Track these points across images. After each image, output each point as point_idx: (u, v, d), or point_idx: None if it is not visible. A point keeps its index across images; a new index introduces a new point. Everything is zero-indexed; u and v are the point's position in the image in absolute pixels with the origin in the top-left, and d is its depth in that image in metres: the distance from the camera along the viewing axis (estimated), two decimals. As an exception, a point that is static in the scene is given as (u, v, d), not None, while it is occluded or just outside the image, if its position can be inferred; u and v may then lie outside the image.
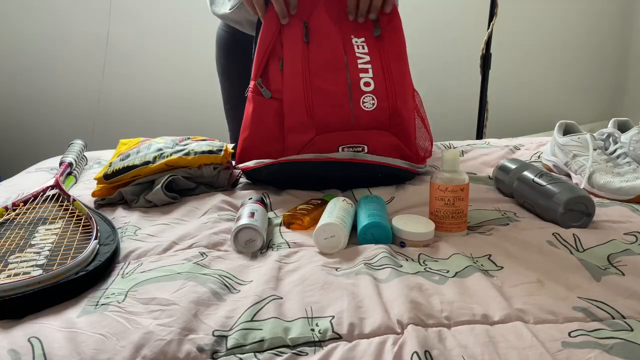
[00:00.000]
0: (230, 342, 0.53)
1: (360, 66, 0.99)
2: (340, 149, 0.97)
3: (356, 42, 1.01)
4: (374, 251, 0.71)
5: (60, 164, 1.11)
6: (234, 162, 1.06)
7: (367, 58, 1.00)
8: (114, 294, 0.62)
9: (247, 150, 1.02)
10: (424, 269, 0.67)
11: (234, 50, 1.27)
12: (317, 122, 0.98)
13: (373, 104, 0.98)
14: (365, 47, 1.01)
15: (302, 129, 0.98)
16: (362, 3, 1.00)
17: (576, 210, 0.80)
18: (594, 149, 0.99)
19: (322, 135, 0.98)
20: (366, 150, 0.98)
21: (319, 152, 0.97)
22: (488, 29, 2.00)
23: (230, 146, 1.14)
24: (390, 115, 0.99)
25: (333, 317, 0.56)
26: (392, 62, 1.01)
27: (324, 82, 0.98)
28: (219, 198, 0.93)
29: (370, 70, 0.99)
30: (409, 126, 1.02)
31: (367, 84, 0.99)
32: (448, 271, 0.66)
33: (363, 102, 0.98)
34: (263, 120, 1.01)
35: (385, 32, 1.03)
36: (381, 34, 1.02)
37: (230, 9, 1.17)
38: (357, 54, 1.00)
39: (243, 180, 1.06)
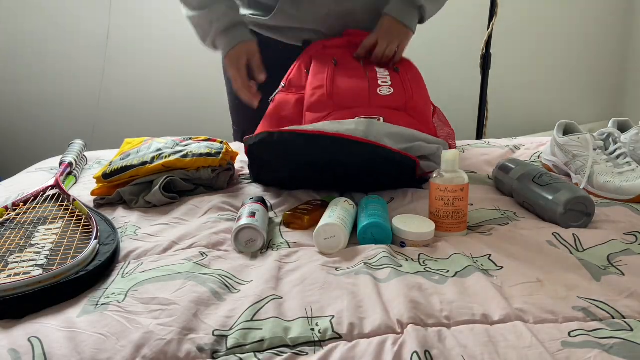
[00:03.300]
0: (230, 342, 0.53)
1: (379, 78, 1.06)
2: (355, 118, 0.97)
3: (379, 69, 1.09)
4: (374, 251, 0.71)
5: (60, 164, 1.11)
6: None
7: (387, 74, 1.07)
8: (114, 293, 0.62)
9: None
10: (424, 269, 0.67)
11: None
12: (335, 102, 1.00)
13: (389, 90, 1.02)
14: (387, 71, 1.09)
15: (321, 107, 1.00)
16: (375, 55, 1.10)
17: (576, 210, 0.80)
18: (594, 149, 0.99)
19: (339, 111, 0.99)
20: (382, 120, 0.96)
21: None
22: (488, 29, 2.00)
23: (232, 145, 1.14)
24: (407, 101, 1.02)
25: (333, 316, 0.56)
26: (412, 83, 1.07)
27: (346, 80, 1.04)
28: (219, 198, 0.93)
29: (388, 79, 1.06)
30: (426, 113, 1.05)
31: (384, 82, 1.04)
32: (448, 271, 0.66)
33: (380, 90, 1.02)
34: (283, 109, 1.06)
35: (401, 66, 1.12)
36: (399, 69, 1.11)
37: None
38: (378, 71, 1.08)
39: (243, 180, 1.06)
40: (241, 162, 1.17)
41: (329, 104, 1.00)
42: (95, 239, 0.73)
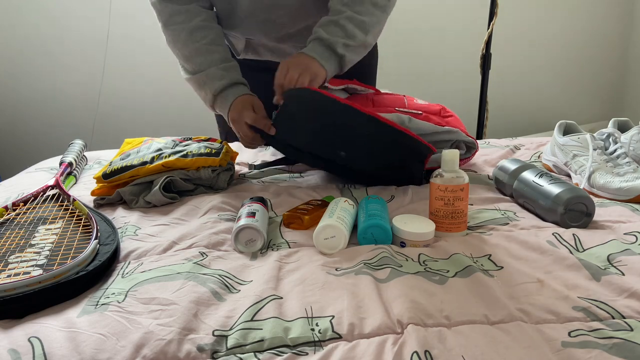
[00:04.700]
0: (230, 342, 0.53)
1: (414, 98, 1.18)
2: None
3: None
4: (374, 251, 0.71)
5: (60, 164, 1.11)
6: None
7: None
8: (114, 293, 0.62)
9: None
10: (424, 269, 0.67)
11: None
12: (375, 103, 1.11)
13: (425, 101, 1.15)
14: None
15: (363, 104, 1.09)
16: (278, 84, 1.01)
17: (576, 210, 0.80)
18: (594, 149, 0.99)
19: (378, 108, 1.07)
20: (420, 116, 1.07)
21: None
22: (488, 29, 2.00)
23: (232, 145, 1.14)
24: (442, 109, 1.13)
25: (333, 316, 0.56)
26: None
27: (384, 95, 1.16)
28: (219, 198, 0.93)
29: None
30: (459, 121, 1.13)
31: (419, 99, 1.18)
32: (448, 271, 0.66)
33: (416, 100, 1.14)
34: None
35: None
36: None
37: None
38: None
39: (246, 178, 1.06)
40: (241, 162, 1.17)
41: (369, 104, 1.09)
42: (95, 239, 0.73)
